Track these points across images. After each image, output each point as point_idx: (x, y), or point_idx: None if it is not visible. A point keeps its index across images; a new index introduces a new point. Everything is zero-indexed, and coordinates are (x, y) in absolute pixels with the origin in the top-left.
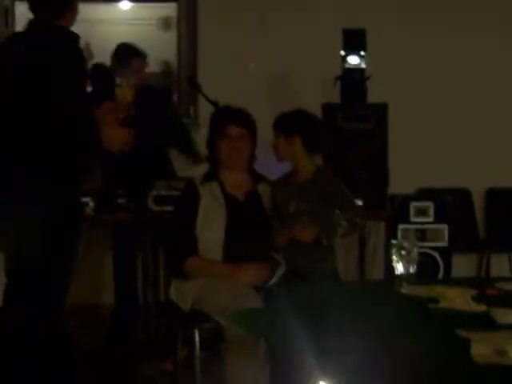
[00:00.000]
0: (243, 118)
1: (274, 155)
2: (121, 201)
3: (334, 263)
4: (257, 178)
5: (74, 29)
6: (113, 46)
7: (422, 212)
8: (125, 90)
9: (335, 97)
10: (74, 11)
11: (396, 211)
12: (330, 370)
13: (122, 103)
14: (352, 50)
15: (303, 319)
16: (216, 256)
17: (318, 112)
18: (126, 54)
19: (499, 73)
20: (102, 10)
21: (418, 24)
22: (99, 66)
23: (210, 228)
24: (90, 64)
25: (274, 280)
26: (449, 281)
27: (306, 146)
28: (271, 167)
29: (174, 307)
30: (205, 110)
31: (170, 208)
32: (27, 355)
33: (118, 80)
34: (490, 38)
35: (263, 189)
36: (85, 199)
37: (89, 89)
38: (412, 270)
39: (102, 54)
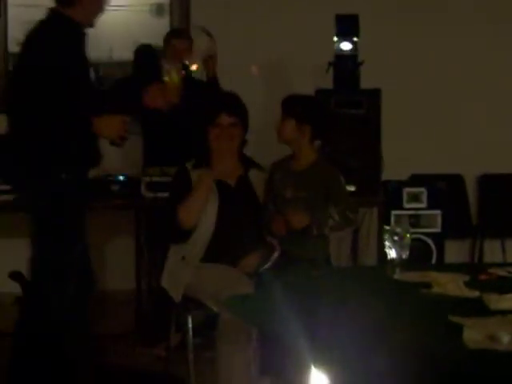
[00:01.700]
0: (234, 106)
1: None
2: (114, 187)
3: (327, 251)
4: (248, 164)
5: None
6: (105, 32)
7: (415, 198)
8: (173, 73)
9: (328, 83)
10: (82, 5)
11: (389, 197)
12: (322, 357)
13: (171, 87)
14: (345, 35)
15: (296, 306)
16: (208, 240)
17: None
18: (167, 34)
19: (492, 59)
20: None
21: (411, 9)
22: (144, 47)
23: (203, 212)
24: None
25: (268, 265)
26: (442, 266)
27: (313, 136)
28: None
29: (167, 294)
30: None
31: (162, 194)
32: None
33: (165, 64)
34: (483, 23)
35: (254, 175)
36: None
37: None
38: (405, 255)
39: (95, 41)
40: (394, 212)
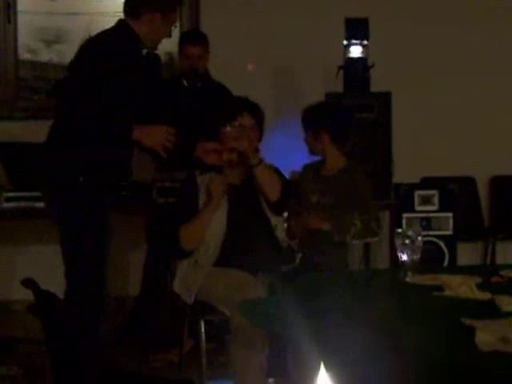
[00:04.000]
0: (254, 109)
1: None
2: (125, 193)
3: (345, 259)
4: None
5: (74, 21)
6: None
7: (426, 200)
8: (233, 131)
9: (338, 86)
10: (149, 20)
11: (401, 200)
12: (332, 360)
13: (228, 144)
14: (355, 39)
15: (306, 309)
16: (220, 242)
17: None
18: (181, 38)
19: (503, 60)
20: (103, 2)
21: (421, 12)
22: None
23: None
24: None
25: (292, 266)
26: (453, 269)
27: (334, 140)
28: None
29: (180, 299)
30: None
31: (174, 199)
32: None
33: (226, 128)
34: (493, 24)
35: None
36: None
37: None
38: (416, 258)
39: None
40: (405, 215)
